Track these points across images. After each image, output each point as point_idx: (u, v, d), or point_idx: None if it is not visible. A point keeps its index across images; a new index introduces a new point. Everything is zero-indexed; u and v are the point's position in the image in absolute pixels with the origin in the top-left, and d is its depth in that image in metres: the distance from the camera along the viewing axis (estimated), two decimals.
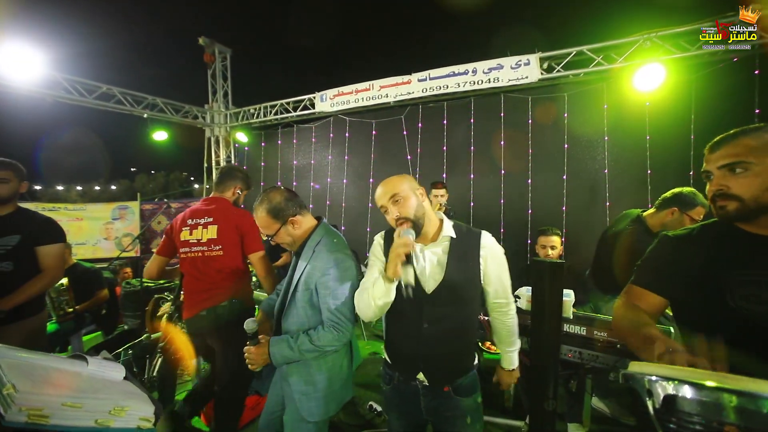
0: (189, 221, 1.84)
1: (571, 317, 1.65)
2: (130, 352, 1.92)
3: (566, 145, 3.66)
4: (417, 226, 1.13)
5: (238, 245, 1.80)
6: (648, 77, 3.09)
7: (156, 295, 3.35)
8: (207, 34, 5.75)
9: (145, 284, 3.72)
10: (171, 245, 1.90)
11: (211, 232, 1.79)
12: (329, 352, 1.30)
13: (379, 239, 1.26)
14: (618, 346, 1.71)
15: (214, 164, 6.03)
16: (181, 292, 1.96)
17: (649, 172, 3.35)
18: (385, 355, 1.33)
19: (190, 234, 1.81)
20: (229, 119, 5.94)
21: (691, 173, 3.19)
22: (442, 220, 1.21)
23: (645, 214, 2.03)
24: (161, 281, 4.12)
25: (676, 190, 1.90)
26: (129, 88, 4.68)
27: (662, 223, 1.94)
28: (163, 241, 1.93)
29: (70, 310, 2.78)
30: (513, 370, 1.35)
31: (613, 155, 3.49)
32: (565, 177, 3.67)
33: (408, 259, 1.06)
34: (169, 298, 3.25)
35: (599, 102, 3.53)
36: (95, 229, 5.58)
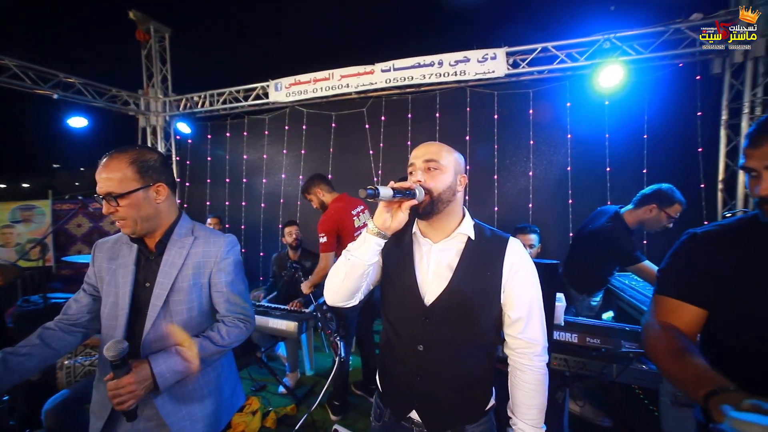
0: (353, 212, 2.32)
1: (563, 324, 1.50)
2: (6, 398, 1.42)
3: (532, 142, 3.64)
4: (432, 206, 0.88)
5: None
6: (608, 77, 3.13)
7: None
8: (140, 8, 4.98)
9: (53, 300, 3.04)
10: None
11: (368, 216, 2.34)
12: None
13: None
14: (603, 350, 1.60)
15: None
16: None
17: (608, 169, 3.43)
18: (378, 383, 1.05)
19: (359, 220, 2.33)
20: (169, 107, 5.23)
21: (644, 171, 3.32)
22: (464, 216, 0.97)
23: (623, 210, 1.97)
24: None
25: (655, 186, 1.85)
26: (31, 62, 3.83)
27: (640, 219, 1.88)
28: (331, 240, 2.26)
29: None
30: None
31: (576, 152, 3.53)
32: (531, 174, 3.65)
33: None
34: None
35: (563, 100, 3.55)
36: None
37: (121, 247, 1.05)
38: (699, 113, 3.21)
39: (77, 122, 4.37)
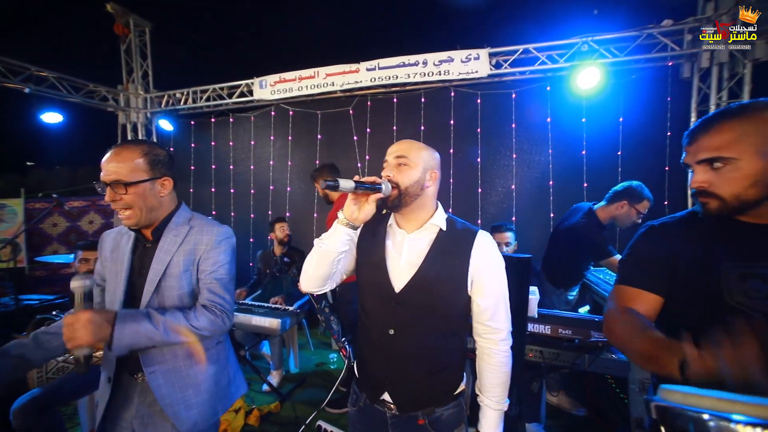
0: None
1: (536, 316, 1.56)
2: None
3: (514, 141, 3.73)
4: (400, 200, 0.94)
5: None
6: (586, 79, 3.23)
7: (39, 316, 2.66)
8: (118, 0, 4.82)
9: (25, 302, 2.95)
10: None
11: None
12: (204, 341, 1.09)
13: None
14: (576, 341, 1.66)
15: None
16: None
17: (585, 168, 3.55)
18: (355, 370, 1.10)
19: None
20: (150, 104, 5.11)
21: (619, 170, 3.45)
22: (437, 209, 1.01)
23: (596, 207, 2.05)
24: (51, 297, 3.32)
25: (626, 183, 1.93)
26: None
27: (612, 216, 1.96)
28: None
29: None
30: None
31: (556, 151, 3.63)
32: (513, 172, 3.73)
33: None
34: (57, 319, 2.58)
35: (543, 100, 3.64)
36: None
37: (122, 237, 1.11)
38: (669, 115, 3.36)
39: (52, 118, 4.22)
